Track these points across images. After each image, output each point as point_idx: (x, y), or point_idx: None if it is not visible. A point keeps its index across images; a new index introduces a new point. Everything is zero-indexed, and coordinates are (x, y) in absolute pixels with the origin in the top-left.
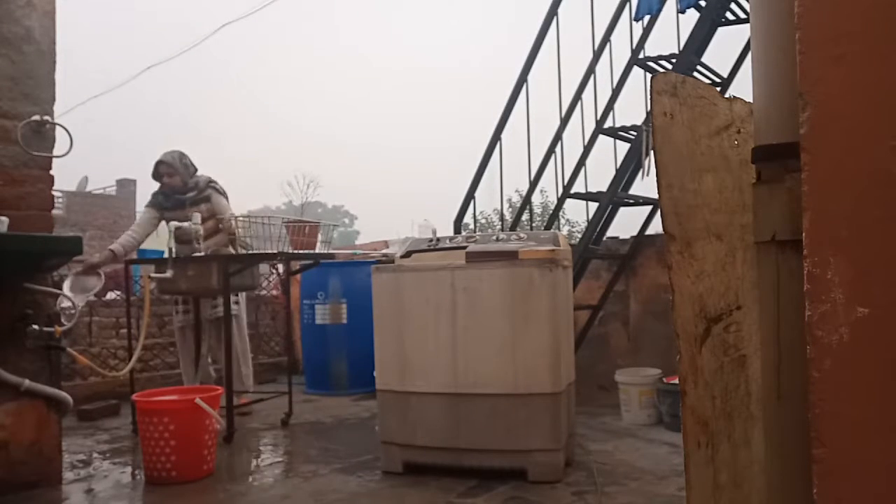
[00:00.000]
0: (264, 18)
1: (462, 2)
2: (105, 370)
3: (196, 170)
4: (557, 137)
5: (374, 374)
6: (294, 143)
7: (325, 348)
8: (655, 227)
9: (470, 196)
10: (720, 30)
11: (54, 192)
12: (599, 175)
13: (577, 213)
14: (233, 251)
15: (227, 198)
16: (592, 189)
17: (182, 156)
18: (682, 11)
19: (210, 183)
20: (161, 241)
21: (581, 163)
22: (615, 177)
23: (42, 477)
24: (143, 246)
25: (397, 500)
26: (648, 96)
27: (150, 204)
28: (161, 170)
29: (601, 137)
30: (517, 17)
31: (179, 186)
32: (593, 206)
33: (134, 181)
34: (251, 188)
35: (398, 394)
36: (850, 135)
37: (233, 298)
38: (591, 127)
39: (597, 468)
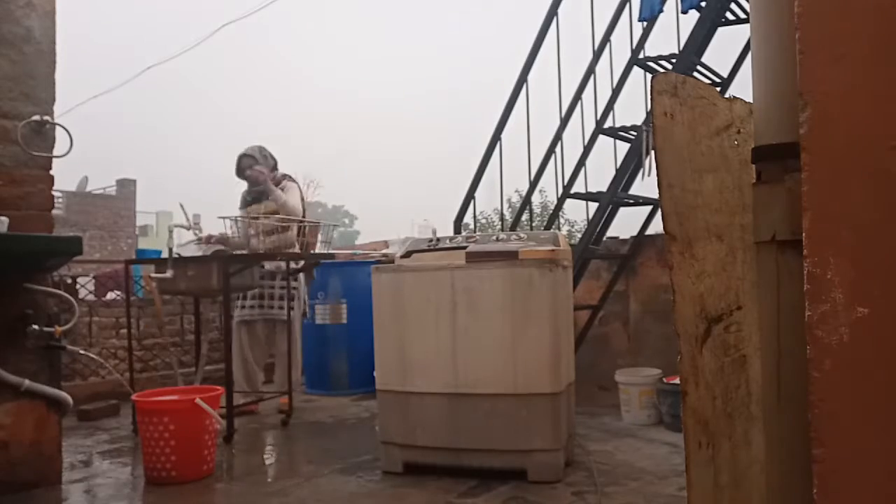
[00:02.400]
0: (265, 19)
1: (465, 2)
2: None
3: (276, 163)
4: (557, 137)
5: (374, 374)
6: (294, 143)
7: (325, 348)
8: (655, 227)
9: (470, 196)
10: (720, 30)
11: (54, 192)
12: (599, 175)
13: (577, 213)
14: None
15: (297, 194)
16: (592, 189)
17: (262, 148)
18: (685, 12)
19: (287, 177)
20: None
21: (581, 163)
22: (615, 177)
23: (42, 477)
24: (144, 246)
25: (397, 500)
26: (648, 96)
27: (240, 205)
28: (244, 163)
29: (601, 137)
30: (519, 19)
31: (259, 179)
32: (593, 206)
33: (134, 181)
34: None
35: (398, 394)
36: (850, 135)
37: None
38: (591, 127)
39: (597, 468)
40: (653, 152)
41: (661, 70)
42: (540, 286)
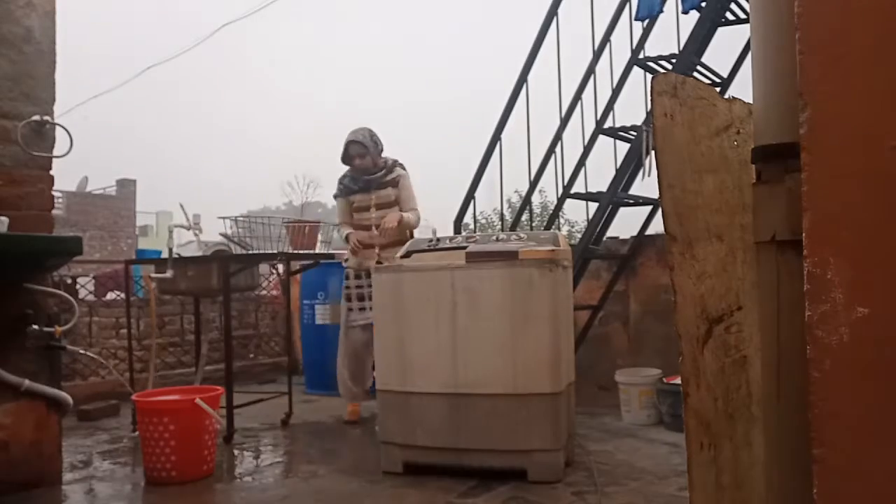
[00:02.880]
0: (264, 19)
1: (465, 11)
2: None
3: (383, 148)
4: (557, 137)
5: (374, 374)
6: (294, 143)
7: (325, 348)
8: (655, 227)
9: (470, 196)
10: (720, 30)
11: (54, 192)
12: (599, 175)
13: (577, 213)
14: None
15: (410, 181)
16: (592, 189)
17: (372, 133)
18: (686, 12)
19: (398, 163)
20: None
21: (581, 163)
22: (615, 177)
23: (42, 477)
24: (144, 246)
25: (397, 500)
26: (648, 97)
27: (339, 194)
28: (352, 151)
29: (601, 137)
30: (519, 19)
31: (369, 167)
32: (593, 206)
33: (134, 181)
34: (251, 188)
35: (398, 394)
36: (850, 135)
37: None
38: (591, 127)
39: (597, 468)
40: (653, 152)
41: (661, 70)
42: (540, 286)
